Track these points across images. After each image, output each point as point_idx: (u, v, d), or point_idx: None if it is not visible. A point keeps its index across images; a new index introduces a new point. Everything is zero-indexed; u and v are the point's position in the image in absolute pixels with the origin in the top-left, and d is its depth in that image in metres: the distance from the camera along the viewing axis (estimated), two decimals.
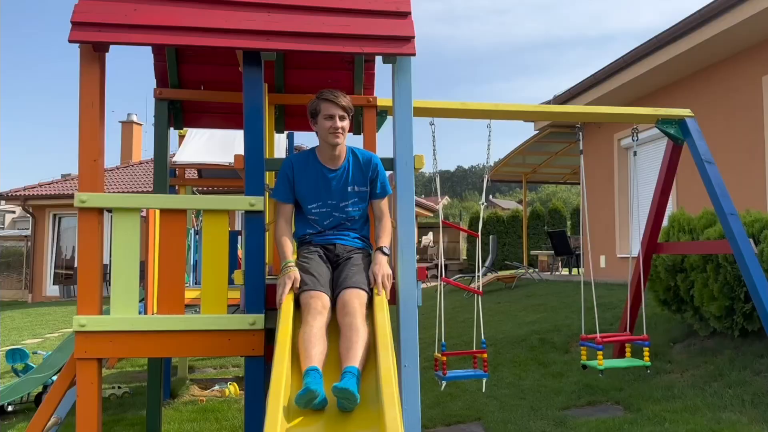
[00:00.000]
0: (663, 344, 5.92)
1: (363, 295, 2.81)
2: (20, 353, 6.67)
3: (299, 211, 3.16)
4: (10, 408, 6.20)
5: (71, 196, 13.69)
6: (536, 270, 14.21)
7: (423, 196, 33.75)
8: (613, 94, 10.02)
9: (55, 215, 18.76)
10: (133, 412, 5.85)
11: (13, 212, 44.88)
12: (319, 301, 2.75)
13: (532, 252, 16.97)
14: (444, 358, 4.09)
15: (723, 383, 4.68)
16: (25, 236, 21.11)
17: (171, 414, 5.56)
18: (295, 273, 2.85)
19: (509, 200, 57.20)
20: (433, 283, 14.72)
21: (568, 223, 20.71)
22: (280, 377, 2.39)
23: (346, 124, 3.01)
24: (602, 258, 11.46)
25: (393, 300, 3.21)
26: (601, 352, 4.34)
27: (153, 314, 3.49)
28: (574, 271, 14.27)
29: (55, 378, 6.32)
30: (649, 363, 4.39)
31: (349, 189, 3.08)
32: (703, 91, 8.81)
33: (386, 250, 3.00)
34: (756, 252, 4.34)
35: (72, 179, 19.13)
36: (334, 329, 2.76)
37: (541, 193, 59.67)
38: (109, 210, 2.99)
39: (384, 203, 3.17)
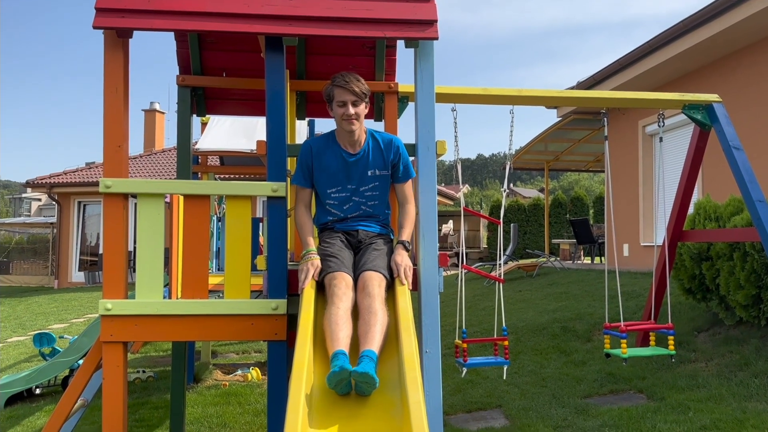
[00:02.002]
0: (687, 333, 5.85)
1: (382, 279, 2.78)
2: (47, 337, 6.80)
3: (318, 198, 3.13)
4: (38, 391, 6.35)
5: (96, 184, 13.98)
6: (558, 258, 14.10)
7: (443, 184, 33.59)
8: (637, 81, 9.85)
9: (80, 202, 19.04)
10: (157, 395, 5.94)
11: (39, 200, 45.76)
12: (343, 282, 2.73)
13: (554, 240, 16.83)
14: (465, 345, 4.08)
15: (749, 373, 4.61)
16: (51, 223, 21.46)
17: (194, 398, 5.64)
18: (317, 261, 2.85)
19: (530, 189, 56.80)
20: (453, 272, 14.69)
21: (591, 211, 20.47)
22: (302, 362, 2.40)
23: (360, 109, 2.92)
24: (625, 246, 11.33)
25: (415, 286, 3.21)
26: (624, 341, 4.31)
27: (177, 299, 3.53)
28: (597, 259, 14.13)
29: (81, 362, 6.45)
30: (674, 352, 4.34)
31: (369, 173, 3.02)
32: (731, 76, 8.61)
33: (407, 245, 2.95)
34: None
35: (96, 167, 19.38)
36: (357, 312, 2.75)
37: (563, 182, 59.10)
38: (134, 196, 3.02)
39: (407, 187, 3.11)
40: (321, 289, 2.85)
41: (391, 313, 2.68)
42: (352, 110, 2.88)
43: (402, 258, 2.88)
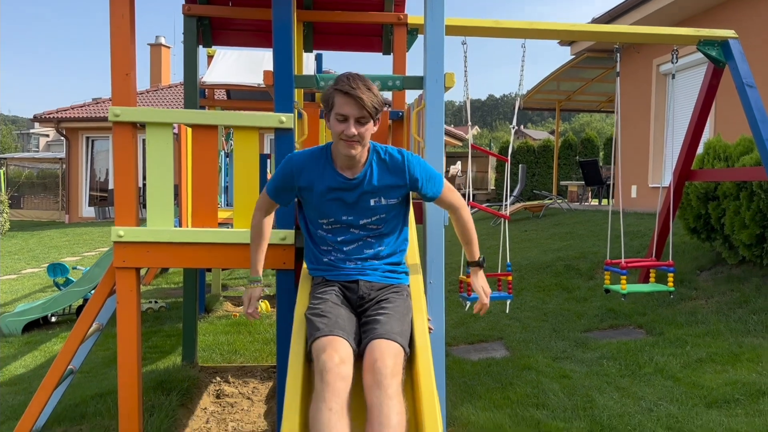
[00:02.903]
0: (690, 272, 5.92)
1: (398, 351, 2.05)
2: (61, 268, 6.96)
3: (306, 226, 2.46)
4: (53, 319, 6.56)
5: (104, 119, 13.96)
6: (565, 200, 14.10)
7: (453, 125, 33.29)
8: (654, 17, 9.58)
9: (88, 138, 19.04)
10: (169, 324, 6.13)
11: (47, 136, 45.79)
12: (337, 355, 1.99)
13: (562, 182, 16.78)
14: (469, 280, 4.15)
15: (748, 310, 4.70)
16: (60, 159, 21.55)
17: (206, 327, 5.82)
18: (257, 291, 2.43)
19: (541, 131, 56.18)
20: None
21: (601, 153, 20.30)
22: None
23: (366, 129, 2.18)
24: (633, 188, 11.29)
25: (420, 219, 3.25)
26: (624, 277, 4.38)
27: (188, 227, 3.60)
28: (604, 201, 14.12)
29: (94, 291, 6.64)
30: (673, 288, 4.42)
31: (372, 202, 2.29)
32: (749, 13, 8.36)
33: (483, 262, 2.48)
34: None
35: (103, 102, 19.26)
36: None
37: (575, 124, 58.37)
38: (143, 125, 3.04)
39: (446, 195, 2.42)
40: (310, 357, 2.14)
41: (409, 405, 2.05)
42: (353, 130, 2.13)
43: (484, 283, 2.42)
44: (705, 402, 3.41)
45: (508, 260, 4.37)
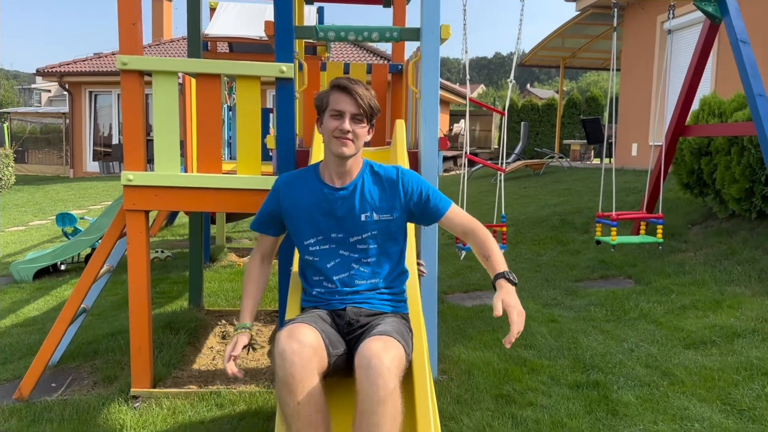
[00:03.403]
0: (681, 226, 6.07)
1: (398, 349, 1.84)
2: (69, 217, 7.15)
3: (300, 256, 2.23)
4: (62, 267, 6.78)
5: (107, 73, 13.95)
6: (566, 158, 14.17)
7: (458, 84, 33.02)
8: None
9: (91, 92, 19.03)
10: (175, 273, 6.33)
11: (49, 91, 45.51)
12: (306, 339, 1.81)
13: (565, 141, 16.81)
14: None
15: (733, 261, 4.87)
16: (63, 113, 21.56)
17: (211, 275, 6.02)
18: (244, 337, 2.12)
19: (547, 89, 55.65)
20: (459, 171, 14.83)
21: (605, 113, 20.26)
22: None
23: (361, 129, 2.05)
24: (634, 146, 11.36)
25: (414, 166, 3.39)
26: (614, 228, 4.53)
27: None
28: (606, 160, 14.19)
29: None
30: (661, 240, 4.57)
31: (363, 217, 2.08)
32: None
33: (512, 276, 1.99)
34: None
35: (106, 56, 19.18)
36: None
37: (582, 82, 57.73)
38: (149, 73, 3.16)
39: (453, 214, 2.19)
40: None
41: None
42: (348, 125, 2.01)
43: (515, 299, 1.90)
44: (683, 343, 3.60)
45: (503, 212, 4.52)
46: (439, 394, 3.07)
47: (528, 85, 61.35)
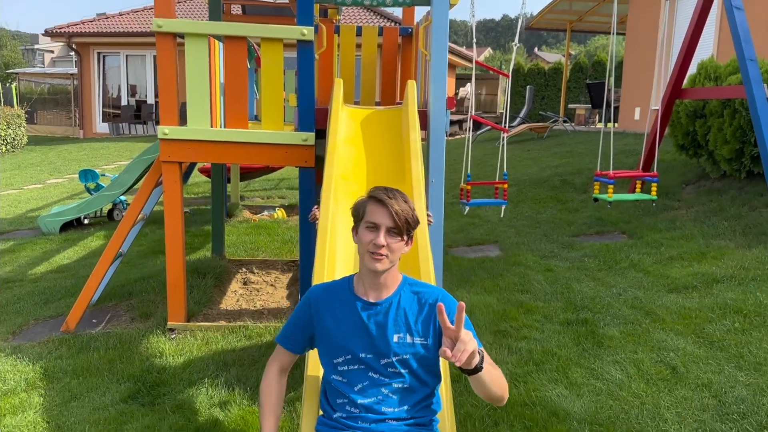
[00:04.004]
0: (676, 185, 6.37)
1: None
2: (91, 174, 7.47)
3: (324, 375, 2.03)
4: (86, 221, 7.14)
5: (114, 35, 14.11)
6: (570, 123, 14.37)
7: (465, 47, 32.83)
8: None
9: (99, 53, 19.15)
10: (195, 227, 6.69)
11: (52, 52, 45.34)
12: None
13: (570, 105, 16.95)
14: (469, 188, 4.61)
15: (721, 217, 5.18)
16: (71, 74, 21.69)
17: (229, 229, 6.37)
18: None
19: (555, 53, 55.04)
20: (464, 135, 15.05)
21: (613, 77, 20.31)
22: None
23: (397, 244, 1.87)
24: (637, 110, 11.56)
25: (424, 125, 3.68)
26: (611, 186, 4.83)
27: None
28: (609, 125, 14.38)
29: (123, 197, 7.19)
30: (655, 197, 4.86)
31: (396, 338, 1.89)
32: None
33: (482, 352, 1.69)
34: (767, 96, 4.60)
35: (113, 17, 19.24)
36: None
37: (590, 46, 57.08)
38: (181, 36, 3.44)
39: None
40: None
41: None
42: (382, 239, 1.85)
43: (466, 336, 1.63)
44: (667, 288, 3.95)
45: (505, 170, 4.81)
46: None
47: (536, 49, 60.72)
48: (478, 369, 1.63)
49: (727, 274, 3.96)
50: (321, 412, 1.98)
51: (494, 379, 1.70)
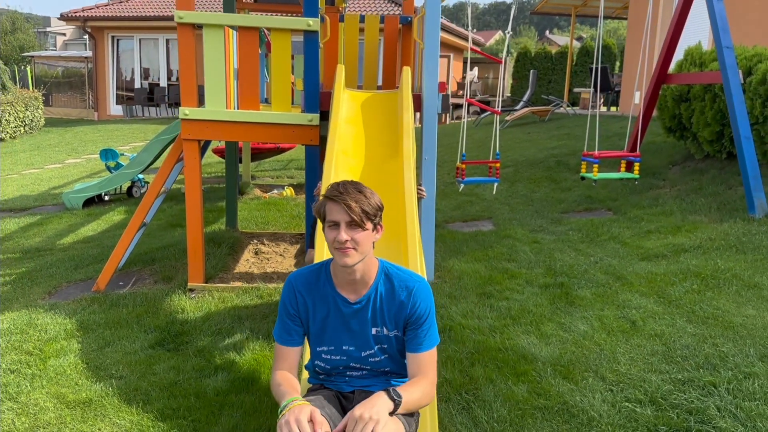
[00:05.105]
0: (663, 166, 6.72)
1: (396, 423, 1.78)
2: (111, 153, 7.92)
3: (311, 359, 2.14)
4: (106, 197, 7.60)
5: (129, 18, 14.60)
6: (571, 106, 14.64)
7: (474, 30, 32.87)
8: None
9: (113, 37, 19.56)
10: (209, 203, 7.11)
11: (64, 35, 45.79)
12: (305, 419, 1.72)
13: (576, 89, 17.20)
14: (464, 167, 4.98)
15: (700, 195, 5.53)
16: (86, 57, 22.12)
17: (241, 205, 6.79)
18: (301, 411, 1.74)
19: (566, 36, 54.74)
20: (470, 119, 15.35)
21: (618, 61, 20.45)
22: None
23: (362, 235, 1.90)
24: (637, 94, 11.82)
25: (418, 107, 4.07)
26: (596, 165, 5.19)
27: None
28: (613, 108, 14.65)
29: (141, 175, 7.63)
30: (638, 176, 5.22)
31: (374, 331, 2.02)
32: None
33: (394, 394, 1.80)
34: (742, 82, 4.94)
35: (127, 2, 19.61)
36: None
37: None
38: (200, 26, 3.83)
39: (425, 358, 1.97)
40: None
41: None
42: (344, 235, 1.88)
43: (370, 408, 1.72)
44: (640, 257, 4.33)
45: (497, 150, 5.19)
46: (434, 292, 3.84)
47: (547, 32, 60.42)
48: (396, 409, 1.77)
49: (694, 245, 4.34)
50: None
51: (410, 408, 1.83)
